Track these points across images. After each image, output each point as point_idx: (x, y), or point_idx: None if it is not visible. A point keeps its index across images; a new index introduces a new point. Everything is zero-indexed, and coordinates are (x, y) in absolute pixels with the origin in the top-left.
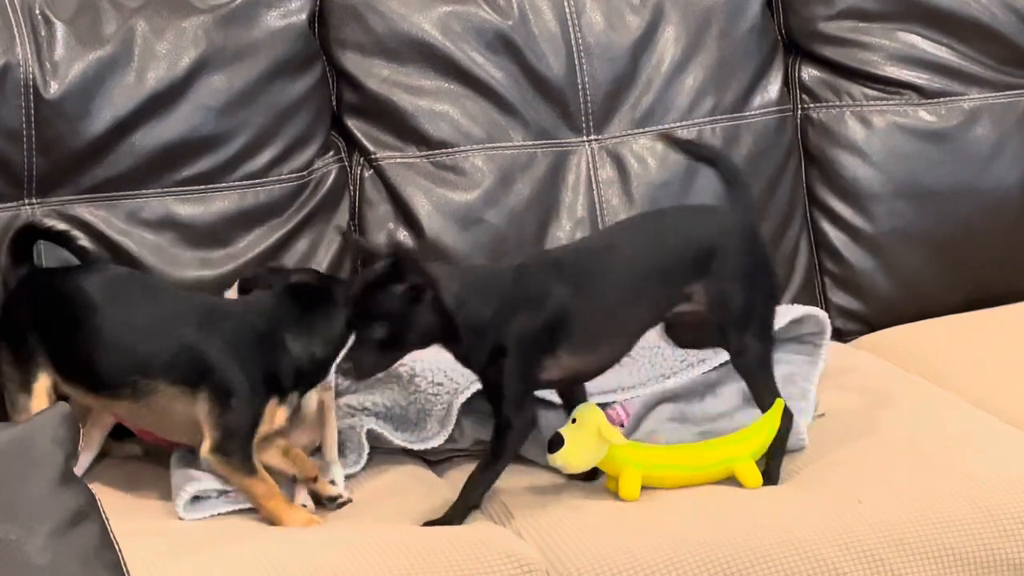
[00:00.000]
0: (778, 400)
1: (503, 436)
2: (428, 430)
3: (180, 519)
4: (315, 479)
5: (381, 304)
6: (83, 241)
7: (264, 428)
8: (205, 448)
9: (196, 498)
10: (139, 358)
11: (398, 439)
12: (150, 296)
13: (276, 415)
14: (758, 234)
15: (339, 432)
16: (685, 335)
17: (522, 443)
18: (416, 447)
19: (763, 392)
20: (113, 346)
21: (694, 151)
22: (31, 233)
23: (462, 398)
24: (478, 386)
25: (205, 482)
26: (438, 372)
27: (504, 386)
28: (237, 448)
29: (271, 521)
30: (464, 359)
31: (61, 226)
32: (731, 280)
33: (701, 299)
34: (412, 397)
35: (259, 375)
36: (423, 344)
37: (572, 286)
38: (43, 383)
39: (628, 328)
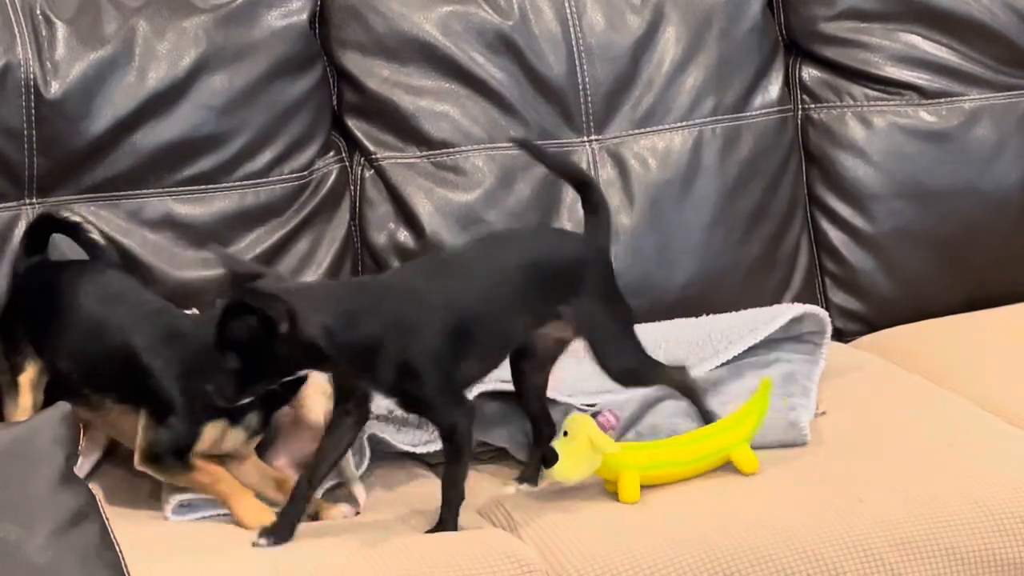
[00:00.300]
0: (764, 379)
1: (452, 438)
2: (430, 433)
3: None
4: (317, 514)
5: (233, 334)
6: (94, 235)
7: (205, 446)
8: (136, 461)
9: (185, 505)
10: (84, 367)
11: (401, 444)
12: (112, 304)
13: (226, 437)
14: (611, 262)
15: None
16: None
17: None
18: (419, 450)
19: (668, 373)
20: (65, 350)
21: (562, 168)
22: (47, 224)
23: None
24: (480, 388)
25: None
26: None
27: (429, 400)
28: (166, 452)
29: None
30: (356, 379)
31: (75, 218)
32: (595, 302)
33: (571, 319)
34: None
35: (201, 396)
36: (289, 373)
37: (463, 293)
38: (28, 376)
39: (509, 338)
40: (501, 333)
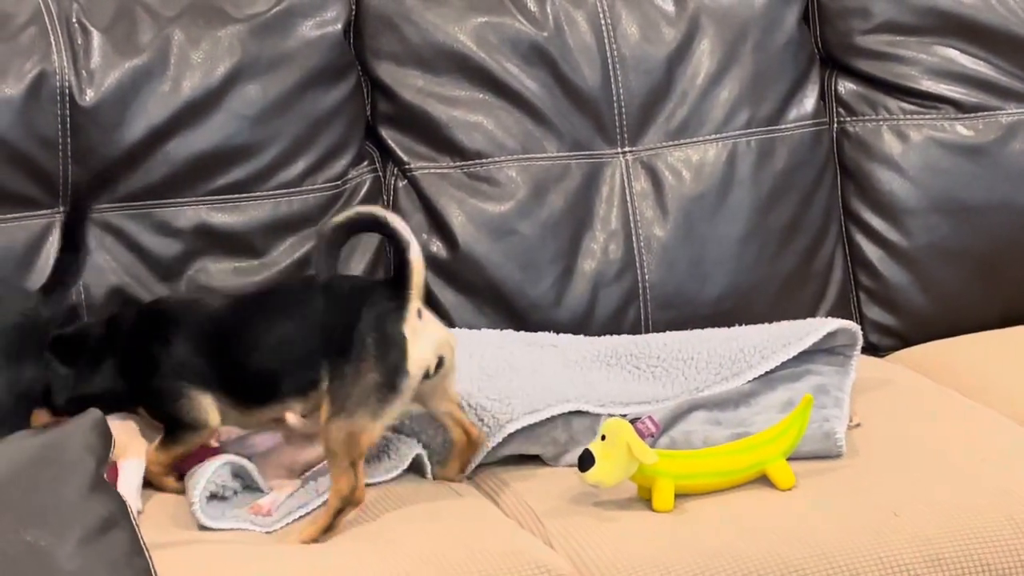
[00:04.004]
0: (806, 396)
1: None
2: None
3: (205, 527)
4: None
5: None
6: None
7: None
8: None
9: (214, 498)
10: None
11: (433, 474)
12: None
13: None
14: None
15: (384, 438)
16: None
17: None
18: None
19: None
20: None
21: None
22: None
23: (497, 439)
24: (517, 425)
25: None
26: (470, 411)
27: None
28: None
29: None
30: None
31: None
32: None
33: None
34: (448, 435)
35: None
36: None
37: None
38: None
39: None
40: None
